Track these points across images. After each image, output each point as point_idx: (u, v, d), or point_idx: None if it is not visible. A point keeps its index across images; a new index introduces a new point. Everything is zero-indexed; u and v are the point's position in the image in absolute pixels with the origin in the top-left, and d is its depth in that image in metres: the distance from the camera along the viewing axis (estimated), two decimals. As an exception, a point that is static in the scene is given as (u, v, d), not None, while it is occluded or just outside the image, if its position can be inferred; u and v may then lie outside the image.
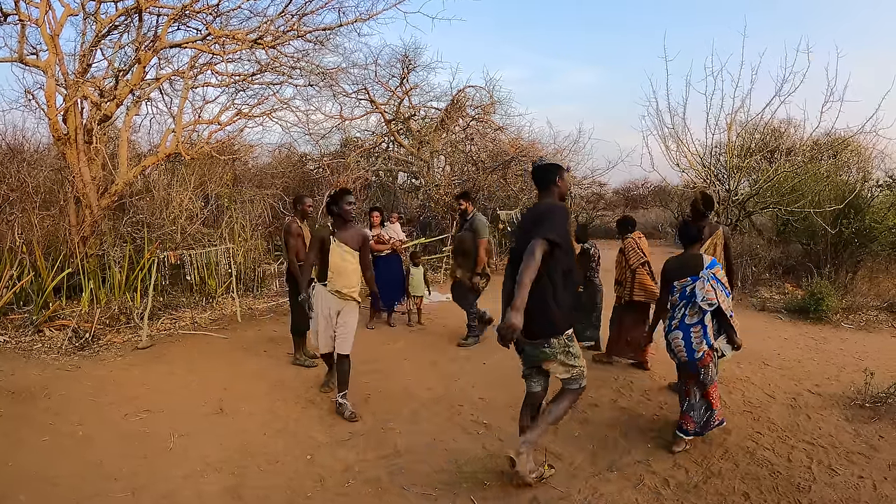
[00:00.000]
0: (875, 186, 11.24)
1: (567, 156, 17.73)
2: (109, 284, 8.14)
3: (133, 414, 5.04)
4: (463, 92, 16.29)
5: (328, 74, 11.04)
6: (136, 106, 9.91)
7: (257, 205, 11.44)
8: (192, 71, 9.91)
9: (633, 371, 6.32)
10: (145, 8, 8.66)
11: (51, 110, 8.41)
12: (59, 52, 8.52)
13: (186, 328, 7.88)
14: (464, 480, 3.99)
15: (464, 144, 16.19)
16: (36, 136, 12.21)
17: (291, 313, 6.64)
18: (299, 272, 5.92)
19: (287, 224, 6.48)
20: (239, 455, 4.34)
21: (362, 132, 17.76)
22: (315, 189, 14.45)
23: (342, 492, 3.86)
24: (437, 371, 6.36)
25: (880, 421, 4.90)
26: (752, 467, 4.14)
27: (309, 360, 6.58)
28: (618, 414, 5.19)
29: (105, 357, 6.63)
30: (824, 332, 8.21)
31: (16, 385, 5.52)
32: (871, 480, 3.92)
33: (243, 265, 9.86)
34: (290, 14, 9.50)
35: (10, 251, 7.75)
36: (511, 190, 14.99)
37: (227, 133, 11.74)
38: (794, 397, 5.56)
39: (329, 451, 4.43)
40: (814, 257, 10.85)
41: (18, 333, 6.99)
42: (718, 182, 12.37)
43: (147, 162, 9.67)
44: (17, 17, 8.12)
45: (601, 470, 4.14)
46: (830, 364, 6.67)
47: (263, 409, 5.23)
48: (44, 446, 4.40)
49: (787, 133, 14.27)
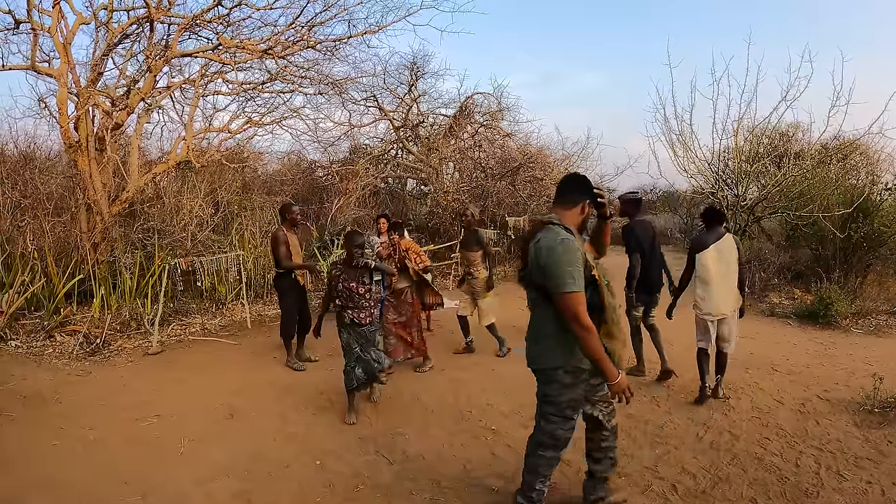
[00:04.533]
0: (884, 190, 11.14)
1: (576, 161, 17.76)
2: (120, 290, 8.21)
3: (143, 419, 5.08)
4: (471, 99, 16.34)
5: (337, 83, 11.10)
6: (147, 114, 10.01)
7: (267, 211, 11.50)
8: (202, 80, 10.00)
9: (641, 379, 6.31)
10: (157, 17, 8.75)
11: (63, 118, 8.51)
12: (70, 61, 8.63)
13: (197, 334, 7.93)
14: (472, 486, 4.00)
15: (472, 151, 16.22)
16: (48, 144, 12.35)
17: (281, 319, 6.81)
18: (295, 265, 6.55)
19: (274, 233, 6.73)
20: (249, 460, 4.37)
21: (371, 139, 17.84)
22: (324, 196, 14.51)
23: (351, 497, 3.88)
24: (446, 377, 6.37)
25: (889, 426, 4.87)
26: (760, 473, 4.13)
27: (300, 364, 6.70)
28: (626, 420, 5.18)
29: (116, 362, 6.69)
30: (833, 337, 8.17)
31: (28, 389, 5.57)
32: (880, 486, 3.91)
33: (253, 272, 9.90)
34: (300, 25, 9.59)
35: (22, 257, 7.83)
36: (519, 196, 14.99)
37: (237, 141, 11.84)
38: (803, 403, 5.54)
39: (338, 457, 4.46)
40: (823, 262, 10.78)
41: (30, 338, 7.06)
42: (727, 187, 12.34)
43: (158, 169, 9.76)
44: (30, 25, 8.23)
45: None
46: (839, 369, 6.64)
47: (273, 415, 5.27)
48: (55, 450, 4.45)
49: (795, 137, 14.23)
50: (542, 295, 3.07)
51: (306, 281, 6.99)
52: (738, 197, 12.00)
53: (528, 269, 3.13)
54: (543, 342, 3.18)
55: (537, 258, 3.00)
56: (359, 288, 5.08)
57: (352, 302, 5.09)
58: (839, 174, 11.92)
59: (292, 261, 6.52)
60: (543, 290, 3.03)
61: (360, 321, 5.10)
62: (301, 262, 6.62)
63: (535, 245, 3.02)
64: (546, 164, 15.72)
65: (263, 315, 9.13)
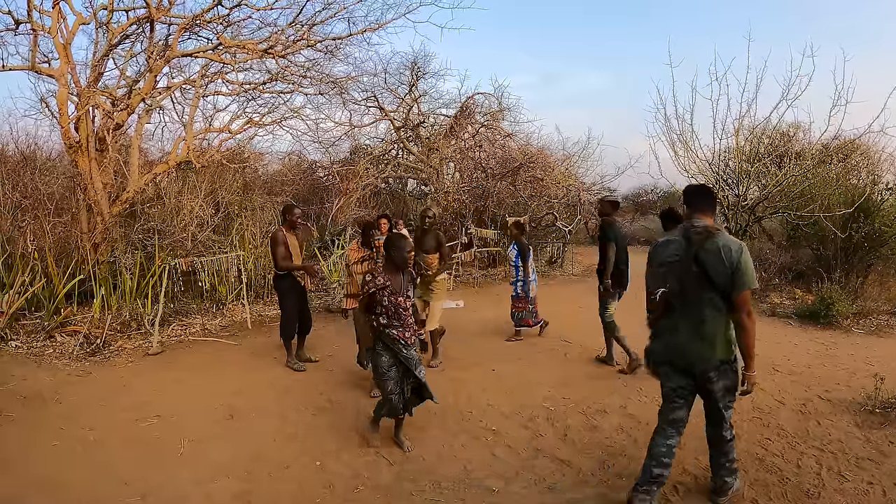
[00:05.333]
0: (885, 189, 11.13)
1: (577, 162, 17.76)
2: (121, 291, 8.20)
3: (143, 419, 5.08)
4: (472, 99, 16.36)
5: (338, 83, 11.10)
6: (147, 114, 10.01)
7: (267, 212, 11.50)
8: (202, 80, 9.99)
9: (642, 377, 6.31)
10: (157, 18, 8.76)
11: (63, 118, 8.50)
12: (71, 61, 8.63)
13: (197, 334, 7.92)
14: (473, 487, 4.00)
15: (473, 151, 16.22)
16: (48, 144, 12.38)
17: (280, 319, 6.80)
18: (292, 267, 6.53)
19: (273, 233, 6.72)
20: (249, 461, 4.37)
21: (372, 139, 17.89)
22: (325, 196, 14.51)
23: (351, 498, 3.88)
24: (446, 377, 6.36)
25: (891, 426, 4.86)
26: (761, 473, 4.13)
27: (300, 365, 6.70)
28: (626, 420, 5.18)
29: (116, 363, 6.68)
30: (834, 338, 8.15)
31: (28, 390, 5.58)
32: (881, 486, 3.90)
33: (253, 272, 9.90)
34: (300, 24, 9.58)
35: (23, 257, 7.83)
36: (520, 196, 14.98)
37: (238, 141, 11.84)
38: (804, 403, 5.53)
39: (338, 458, 4.45)
40: (824, 262, 10.77)
41: (30, 339, 7.06)
42: (728, 187, 12.33)
43: (158, 169, 9.75)
44: (30, 25, 8.22)
45: (610, 477, 4.14)
46: (840, 369, 6.63)
47: (274, 415, 5.26)
48: (55, 451, 4.46)
49: (795, 137, 14.22)
50: (719, 294, 3.33)
51: (307, 282, 6.98)
52: (739, 197, 12.00)
53: (694, 273, 3.36)
54: (720, 337, 3.40)
55: (727, 259, 3.26)
56: (405, 301, 4.50)
57: (398, 319, 4.44)
58: (840, 174, 11.90)
59: (291, 262, 6.52)
60: (719, 288, 3.31)
61: (406, 341, 4.45)
62: (299, 264, 6.62)
63: (720, 247, 3.28)
64: (547, 164, 15.70)
65: (264, 315, 9.13)
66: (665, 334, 3.59)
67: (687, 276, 3.39)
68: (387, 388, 4.46)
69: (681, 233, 3.49)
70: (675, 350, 3.53)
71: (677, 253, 3.45)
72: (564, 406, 5.50)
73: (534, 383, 6.06)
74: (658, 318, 3.66)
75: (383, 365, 4.44)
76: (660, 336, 3.65)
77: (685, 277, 3.40)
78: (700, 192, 3.61)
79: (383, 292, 4.39)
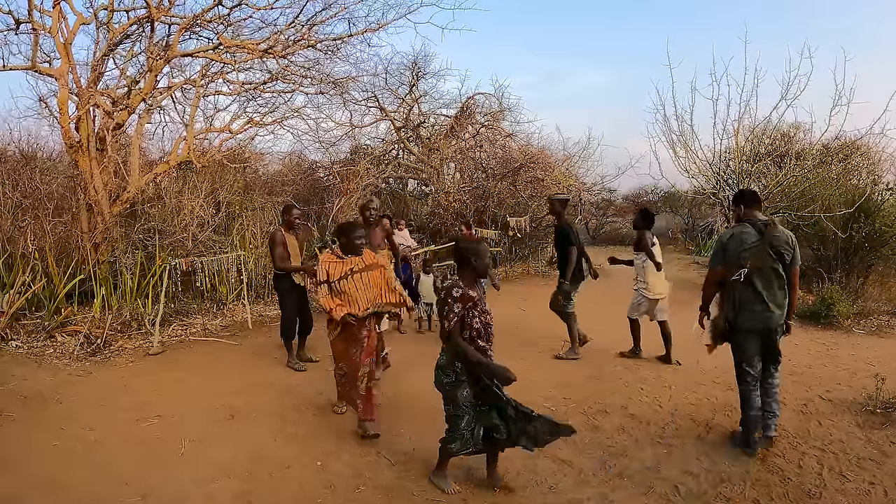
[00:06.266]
0: (885, 190, 11.13)
1: (577, 162, 17.76)
2: (121, 291, 8.20)
3: (144, 419, 5.07)
4: (472, 99, 16.35)
5: (338, 83, 11.10)
6: (148, 114, 10.00)
7: (268, 212, 11.48)
8: (203, 80, 10.00)
9: (643, 378, 6.31)
10: (157, 18, 8.76)
11: (63, 118, 8.51)
12: (71, 61, 8.63)
13: (197, 334, 7.91)
14: (474, 486, 3.99)
15: (473, 151, 16.21)
16: (49, 144, 12.38)
17: (281, 319, 6.82)
18: (290, 268, 6.53)
19: (272, 233, 6.76)
20: (250, 461, 4.36)
21: (372, 139, 17.87)
22: (325, 196, 14.50)
23: (352, 498, 3.87)
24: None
25: (892, 427, 4.87)
26: (762, 473, 4.13)
27: (301, 365, 6.70)
28: (627, 420, 5.18)
29: (116, 363, 6.68)
30: (835, 338, 8.16)
31: (28, 390, 5.57)
32: (883, 486, 3.91)
33: (254, 272, 9.89)
34: (301, 24, 9.58)
35: (23, 257, 7.82)
36: (521, 196, 14.98)
37: (238, 141, 11.83)
38: (805, 403, 5.54)
39: (339, 458, 4.44)
40: (824, 262, 10.77)
41: (31, 339, 7.05)
42: (728, 187, 12.33)
43: (159, 169, 9.76)
44: (31, 25, 8.23)
45: (611, 477, 4.14)
46: (841, 369, 6.64)
47: (274, 415, 5.25)
48: (55, 451, 4.44)
49: (796, 137, 14.22)
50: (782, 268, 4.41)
51: (306, 282, 6.97)
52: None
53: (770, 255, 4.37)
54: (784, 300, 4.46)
55: (790, 243, 4.42)
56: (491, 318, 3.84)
57: (489, 341, 3.77)
58: (840, 174, 11.91)
59: (289, 262, 6.50)
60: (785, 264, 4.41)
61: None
62: (298, 265, 6.60)
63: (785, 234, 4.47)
64: (547, 164, 15.70)
65: (264, 315, 9.12)
66: (748, 306, 4.41)
67: (766, 257, 4.34)
68: (457, 425, 3.74)
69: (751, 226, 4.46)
70: (760, 318, 4.39)
71: (756, 241, 4.37)
72: (565, 406, 5.49)
73: (534, 383, 6.04)
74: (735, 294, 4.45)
75: (462, 399, 3.69)
76: (744, 308, 4.42)
77: (765, 259, 4.34)
78: (754, 195, 4.70)
79: (473, 311, 3.67)
